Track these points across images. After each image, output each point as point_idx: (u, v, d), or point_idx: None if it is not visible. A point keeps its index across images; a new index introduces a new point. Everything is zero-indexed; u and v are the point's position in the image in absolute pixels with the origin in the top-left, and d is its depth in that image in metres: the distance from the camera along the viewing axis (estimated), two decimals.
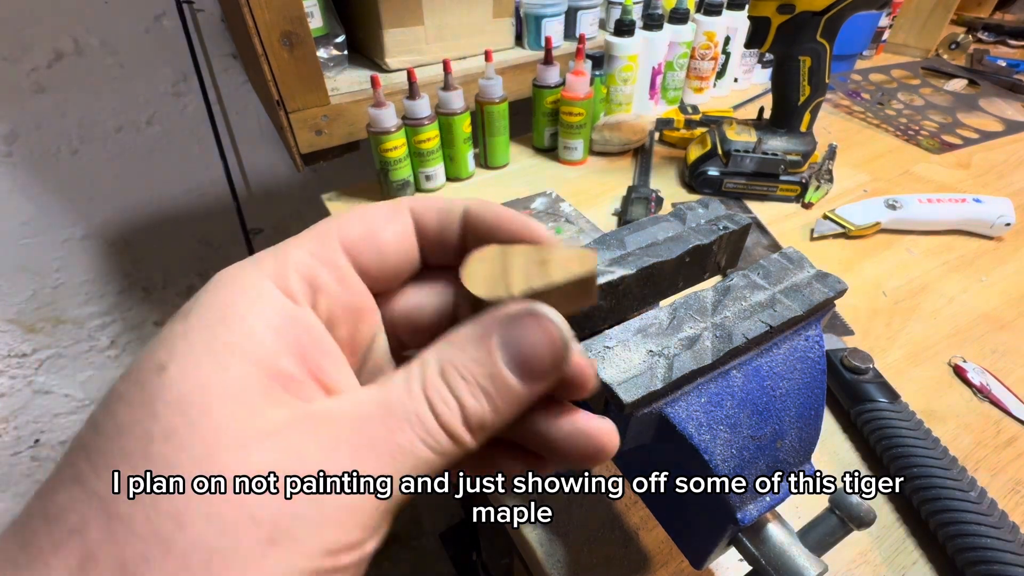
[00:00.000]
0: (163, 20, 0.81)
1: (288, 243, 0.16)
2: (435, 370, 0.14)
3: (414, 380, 0.14)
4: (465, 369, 0.14)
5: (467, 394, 0.14)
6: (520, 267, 0.16)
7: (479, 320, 0.15)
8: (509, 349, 0.15)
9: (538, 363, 0.15)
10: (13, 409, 1.01)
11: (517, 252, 0.16)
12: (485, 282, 0.15)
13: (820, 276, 0.26)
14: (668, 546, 0.35)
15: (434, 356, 0.15)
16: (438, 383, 0.14)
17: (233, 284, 0.14)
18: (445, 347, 0.15)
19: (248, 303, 0.14)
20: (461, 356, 0.15)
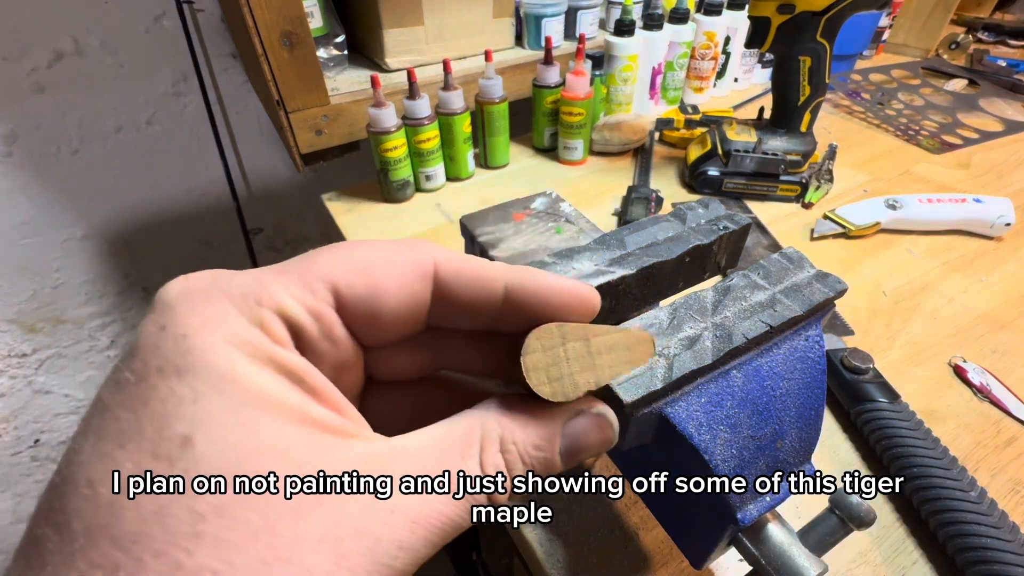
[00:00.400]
0: (163, 20, 0.81)
1: (266, 281, 0.14)
2: (496, 445, 0.14)
3: (472, 449, 0.14)
4: (525, 451, 0.15)
5: (520, 472, 0.15)
6: (583, 356, 0.15)
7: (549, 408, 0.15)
8: (568, 442, 0.15)
9: (586, 455, 0.16)
10: (13, 409, 1.01)
11: (576, 336, 0.15)
12: (549, 378, 0.15)
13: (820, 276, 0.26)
14: (668, 546, 0.35)
15: (495, 427, 0.15)
16: (498, 461, 0.14)
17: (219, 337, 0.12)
18: (507, 419, 0.15)
19: (247, 359, 0.12)
20: (523, 436, 0.15)
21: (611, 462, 0.39)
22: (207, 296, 0.13)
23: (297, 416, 0.13)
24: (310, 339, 0.14)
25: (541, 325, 0.15)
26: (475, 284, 0.16)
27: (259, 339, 0.13)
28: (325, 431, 0.13)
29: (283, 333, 0.14)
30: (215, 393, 0.12)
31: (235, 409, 0.12)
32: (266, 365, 0.13)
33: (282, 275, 0.14)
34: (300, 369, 0.13)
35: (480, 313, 0.16)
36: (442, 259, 0.16)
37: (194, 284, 0.13)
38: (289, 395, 0.13)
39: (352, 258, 0.15)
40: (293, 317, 0.14)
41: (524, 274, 0.16)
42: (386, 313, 0.15)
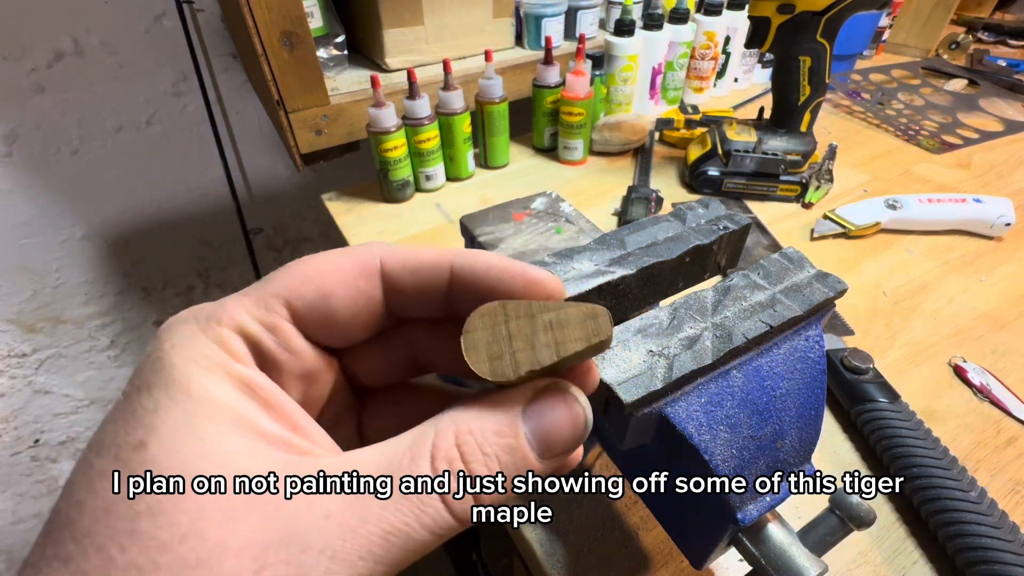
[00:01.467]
0: (163, 20, 0.81)
1: (228, 304, 0.15)
2: (449, 439, 0.14)
3: (422, 450, 0.13)
4: (484, 440, 0.14)
5: (482, 466, 0.13)
6: (524, 335, 0.14)
7: (507, 393, 0.15)
8: (533, 424, 0.14)
9: (558, 442, 0.15)
10: (13, 409, 1.01)
11: (519, 313, 0.14)
12: (489, 357, 0.14)
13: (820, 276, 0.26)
14: (668, 546, 0.35)
15: (448, 424, 0.14)
16: (452, 454, 0.13)
17: (183, 355, 0.14)
18: (463, 413, 0.14)
19: (205, 372, 0.13)
20: (480, 426, 0.14)
21: (611, 462, 0.39)
22: (181, 323, 0.14)
23: (245, 427, 0.13)
24: (269, 352, 0.15)
25: (485, 304, 0.15)
26: (421, 271, 0.16)
27: (216, 354, 0.14)
28: (271, 443, 0.13)
29: (241, 349, 0.15)
30: (172, 403, 0.13)
31: (186, 417, 0.13)
32: (221, 378, 0.14)
33: (241, 298, 0.15)
34: (255, 383, 0.14)
35: (430, 297, 0.17)
36: (387, 253, 0.16)
37: (179, 316, 0.15)
38: (239, 407, 0.13)
39: (301, 271, 0.16)
40: (250, 333, 0.15)
41: (470, 256, 0.16)
42: (339, 312, 0.16)
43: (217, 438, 0.13)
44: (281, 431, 0.14)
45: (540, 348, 0.14)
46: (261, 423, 0.14)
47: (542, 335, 0.14)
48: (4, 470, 1.07)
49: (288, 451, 0.14)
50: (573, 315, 0.14)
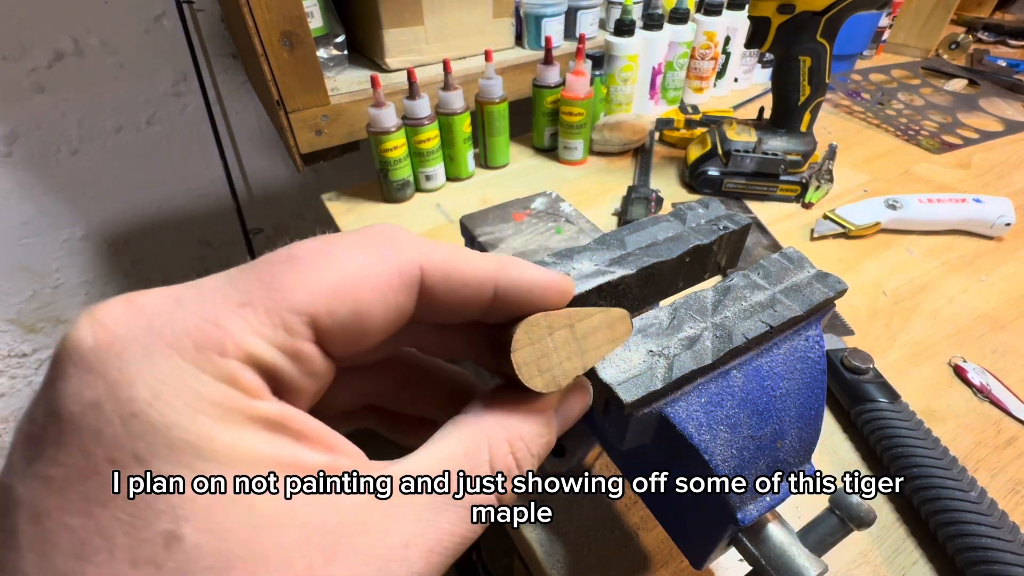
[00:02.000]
0: (163, 20, 0.81)
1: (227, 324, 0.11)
2: (504, 448, 0.15)
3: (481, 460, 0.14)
4: (532, 444, 0.15)
5: (530, 466, 0.15)
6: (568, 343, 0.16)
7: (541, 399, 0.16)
8: (560, 417, 0.17)
9: (573, 423, 0.17)
10: (13, 409, 1.01)
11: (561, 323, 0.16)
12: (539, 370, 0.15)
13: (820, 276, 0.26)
14: (668, 546, 0.35)
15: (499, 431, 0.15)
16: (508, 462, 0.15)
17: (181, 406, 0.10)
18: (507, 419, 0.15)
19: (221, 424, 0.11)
20: (528, 430, 0.15)
21: (611, 462, 0.39)
22: (146, 351, 0.10)
23: (291, 470, 0.11)
24: (289, 381, 0.12)
25: (527, 318, 0.15)
26: (464, 287, 0.15)
27: (231, 397, 0.11)
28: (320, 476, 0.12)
29: (257, 383, 0.11)
30: (192, 475, 0.10)
31: (216, 487, 0.10)
32: (245, 425, 0.11)
33: (244, 309, 0.11)
34: (282, 418, 0.12)
35: (467, 314, 0.16)
36: (428, 262, 0.14)
37: (116, 332, 0.10)
38: (277, 450, 0.11)
39: (328, 278, 0.12)
40: (267, 363, 0.12)
41: (512, 272, 0.15)
42: (372, 331, 0.13)
43: (269, 500, 0.11)
44: (326, 459, 0.12)
45: (584, 354, 0.16)
46: (305, 459, 0.12)
47: (583, 343, 0.16)
48: None
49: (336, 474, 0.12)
50: (604, 320, 0.17)
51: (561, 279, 0.17)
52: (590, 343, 0.16)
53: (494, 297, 0.15)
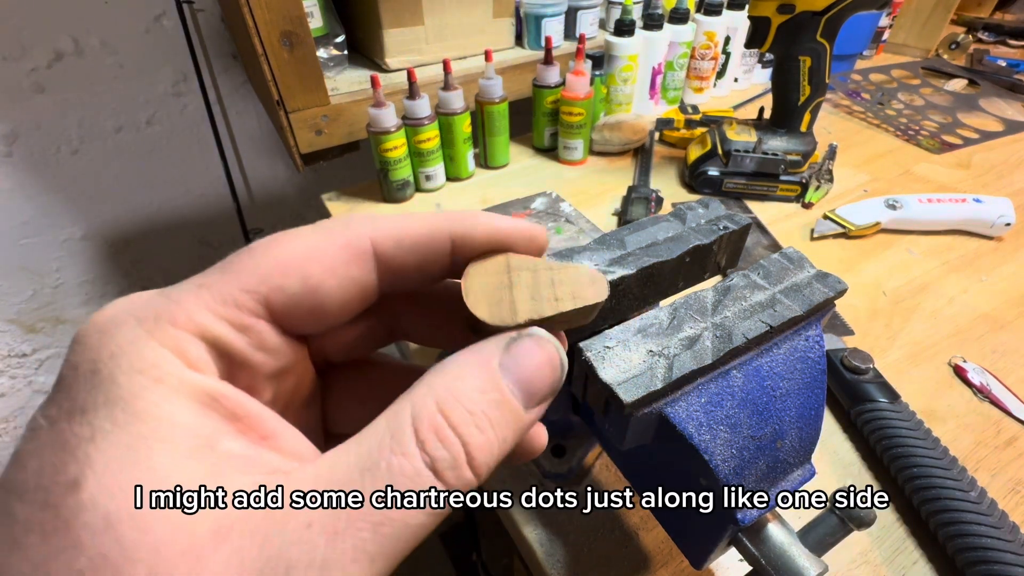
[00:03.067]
0: (163, 20, 0.81)
1: (183, 300, 0.12)
2: (431, 407, 0.12)
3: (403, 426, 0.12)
4: (470, 400, 0.13)
5: (473, 428, 0.12)
6: (527, 286, 0.14)
7: (479, 348, 0.14)
8: (513, 375, 0.14)
9: (540, 387, 0.14)
10: (13, 409, 1.01)
11: (525, 267, 0.14)
12: (489, 302, 0.14)
13: (820, 276, 0.26)
14: (668, 546, 0.35)
15: (426, 392, 0.13)
16: (438, 422, 0.12)
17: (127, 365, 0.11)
18: (438, 377, 0.13)
19: (155, 386, 0.11)
20: (460, 385, 0.13)
21: (611, 462, 0.39)
22: (117, 325, 0.12)
23: (202, 451, 0.11)
24: (239, 355, 0.13)
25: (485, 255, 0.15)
26: (418, 246, 0.15)
27: (169, 363, 0.12)
28: (235, 466, 0.12)
29: (201, 355, 0.12)
30: (114, 428, 0.11)
31: (132, 444, 0.11)
32: (175, 392, 0.11)
33: (200, 290, 0.13)
34: (217, 394, 0.12)
35: (432, 271, 0.15)
36: (376, 231, 0.14)
37: (108, 315, 0.12)
38: (198, 424, 0.11)
39: (276, 258, 0.13)
40: (215, 336, 0.13)
41: (469, 221, 0.15)
42: (328, 304, 0.14)
43: (169, 467, 0.11)
44: (246, 448, 0.12)
45: (542, 300, 0.14)
46: (223, 443, 0.12)
47: (544, 289, 0.14)
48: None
49: (254, 471, 0.12)
50: (575, 275, 0.15)
51: (530, 227, 0.16)
52: (551, 292, 0.14)
53: (453, 249, 0.15)
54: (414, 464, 0.12)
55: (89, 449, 0.10)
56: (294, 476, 0.12)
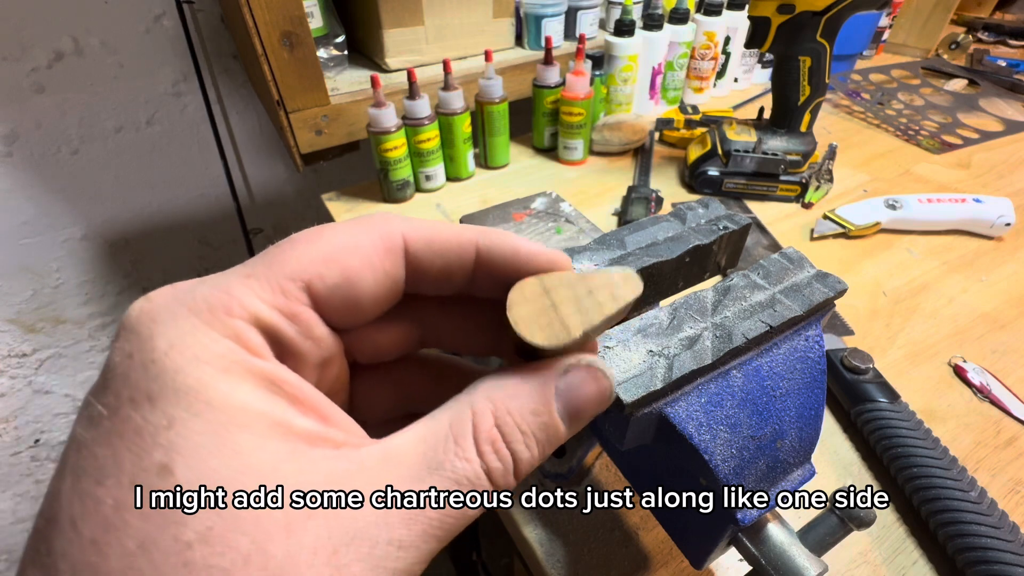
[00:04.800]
0: (163, 20, 0.81)
1: (234, 289, 0.13)
2: (488, 421, 0.14)
3: (464, 432, 0.14)
4: (522, 420, 0.14)
5: (522, 446, 0.14)
6: (568, 301, 0.15)
7: (536, 370, 0.15)
8: (564, 400, 0.15)
9: (586, 414, 0.15)
10: (13, 409, 1.01)
11: (559, 284, 0.15)
12: (540, 326, 0.14)
13: (820, 276, 0.26)
14: (668, 546, 0.35)
15: (485, 404, 0.14)
16: (494, 435, 0.14)
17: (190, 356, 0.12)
18: (497, 391, 0.14)
19: (223, 375, 0.12)
20: (517, 405, 0.14)
21: (611, 462, 0.39)
22: (171, 314, 0.12)
23: (279, 430, 0.12)
24: (289, 343, 0.14)
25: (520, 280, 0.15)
26: (446, 250, 0.16)
27: (233, 352, 0.12)
28: (309, 442, 0.12)
29: (259, 342, 0.13)
30: (190, 416, 0.11)
31: (213, 430, 0.11)
32: (243, 379, 0.12)
33: (249, 279, 0.13)
34: (279, 379, 0.13)
35: (454, 278, 0.16)
36: (409, 231, 0.15)
37: (156, 303, 0.12)
38: (269, 408, 0.12)
39: (319, 249, 0.14)
40: (268, 323, 0.13)
41: (495, 236, 0.16)
42: (363, 297, 0.15)
43: (254, 447, 0.11)
44: (315, 426, 0.13)
45: (587, 310, 0.15)
46: (296, 422, 0.12)
47: (585, 299, 0.15)
48: (4, 470, 1.07)
49: (326, 446, 0.13)
50: (607, 278, 0.15)
51: (552, 252, 0.16)
52: (593, 300, 0.15)
53: (477, 258, 0.16)
54: (475, 469, 0.13)
55: (170, 436, 0.11)
56: (362, 452, 0.13)
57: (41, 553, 0.11)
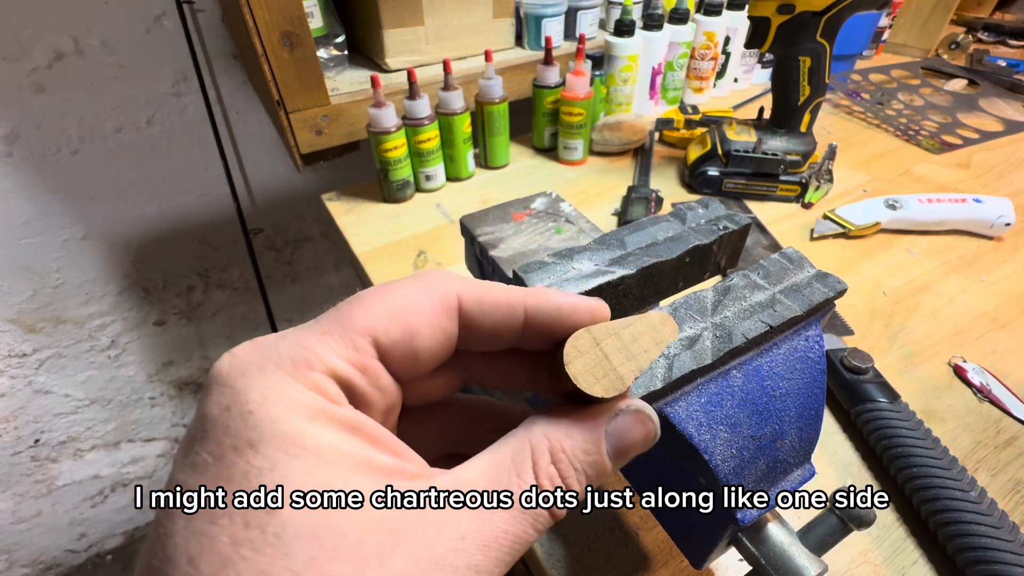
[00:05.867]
0: (163, 20, 0.81)
1: (312, 345, 0.15)
2: (546, 458, 0.15)
3: (525, 466, 0.15)
4: (575, 458, 0.16)
5: (575, 481, 0.16)
6: (618, 350, 0.16)
7: (589, 413, 0.16)
8: (613, 441, 0.16)
9: (632, 453, 0.17)
10: (13, 409, 1.01)
11: (606, 335, 0.16)
12: (596, 378, 0.16)
13: (820, 276, 0.26)
14: (668, 546, 0.35)
15: (542, 441, 0.16)
16: (551, 471, 0.15)
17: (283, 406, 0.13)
18: (552, 430, 0.16)
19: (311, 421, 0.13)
20: (570, 444, 0.16)
21: None
22: (259, 368, 0.14)
23: (364, 466, 0.14)
24: (361, 392, 0.15)
25: (572, 334, 0.16)
26: (497, 312, 0.17)
27: (317, 401, 0.14)
28: (390, 476, 0.14)
29: (337, 392, 0.15)
30: (289, 458, 0.13)
31: (309, 470, 0.13)
32: (328, 425, 0.14)
33: (325, 336, 0.15)
34: (357, 422, 0.14)
35: (504, 337, 0.18)
36: (463, 291, 0.17)
37: (242, 359, 0.14)
38: (353, 448, 0.14)
39: (384, 307, 0.16)
40: (343, 375, 0.15)
41: (539, 296, 0.17)
42: (422, 351, 0.16)
43: (344, 483, 0.13)
44: (392, 461, 0.14)
45: (635, 357, 0.16)
46: (375, 458, 0.14)
47: (632, 346, 0.16)
48: (4, 470, 1.07)
49: (404, 479, 0.14)
50: (648, 323, 0.17)
51: (591, 302, 0.18)
52: (639, 347, 0.16)
53: (525, 319, 0.17)
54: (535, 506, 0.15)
55: (274, 477, 0.12)
56: (436, 481, 0.14)
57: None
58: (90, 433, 1.13)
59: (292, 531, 0.12)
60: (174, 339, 1.11)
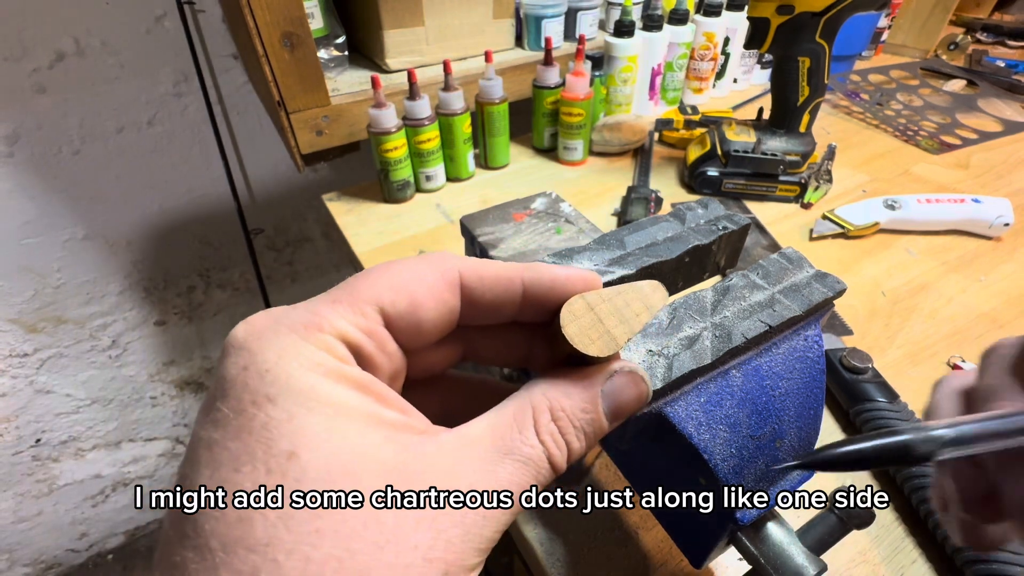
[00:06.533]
0: (164, 21, 0.81)
1: (322, 311, 0.16)
2: (547, 416, 0.16)
3: (527, 424, 0.16)
4: (574, 416, 0.17)
5: (574, 438, 0.17)
6: (611, 314, 0.17)
7: (585, 374, 0.18)
8: (609, 401, 0.18)
9: (627, 411, 0.18)
10: (14, 409, 1.01)
11: (599, 301, 0.18)
12: (591, 339, 0.17)
13: (819, 276, 0.26)
14: (667, 545, 0.35)
15: (543, 400, 0.17)
16: (552, 428, 0.16)
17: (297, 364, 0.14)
18: (552, 391, 0.17)
19: (324, 378, 0.14)
20: (569, 404, 0.17)
21: (611, 462, 0.40)
22: (273, 332, 0.15)
23: (374, 420, 0.15)
24: (368, 355, 0.16)
25: (568, 300, 0.17)
26: (497, 286, 0.18)
27: (328, 360, 0.15)
28: (399, 430, 0.15)
29: (346, 353, 0.15)
30: (305, 411, 0.14)
31: (324, 422, 0.14)
32: (339, 381, 0.15)
33: (335, 304, 0.16)
34: (366, 380, 0.15)
35: (503, 310, 0.19)
36: (465, 267, 0.18)
37: (258, 326, 0.15)
38: (363, 404, 0.15)
39: (390, 280, 0.17)
40: (351, 338, 0.16)
41: (537, 270, 0.18)
42: (426, 322, 0.17)
43: (358, 433, 0.14)
44: (400, 417, 0.15)
45: (627, 321, 0.17)
46: (385, 414, 0.15)
47: (624, 311, 0.17)
48: (5, 469, 1.07)
49: (411, 433, 0.15)
50: (639, 291, 0.18)
51: (584, 272, 0.19)
52: (631, 311, 0.17)
53: (524, 292, 0.18)
54: (539, 454, 0.16)
55: (292, 427, 0.13)
56: (442, 437, 0.15)
57: (190, 536, 0.12)
58: (91, 433, 1.13)
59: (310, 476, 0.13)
60: (175, 339, 1.11)
